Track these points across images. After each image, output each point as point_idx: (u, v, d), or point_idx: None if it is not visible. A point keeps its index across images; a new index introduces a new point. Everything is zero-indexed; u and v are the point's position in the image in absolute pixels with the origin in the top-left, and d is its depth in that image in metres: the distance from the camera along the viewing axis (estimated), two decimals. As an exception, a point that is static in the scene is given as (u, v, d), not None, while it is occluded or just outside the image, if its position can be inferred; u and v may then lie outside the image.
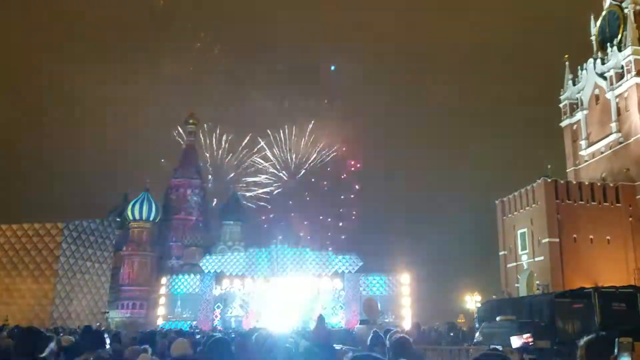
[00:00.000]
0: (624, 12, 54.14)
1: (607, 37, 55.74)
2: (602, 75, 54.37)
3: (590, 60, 56.59)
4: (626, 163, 50.79)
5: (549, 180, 48.52)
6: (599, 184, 49.92)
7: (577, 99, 57.92)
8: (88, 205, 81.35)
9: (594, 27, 58.43)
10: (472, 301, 45.13)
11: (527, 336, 15.94)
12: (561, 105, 60.03)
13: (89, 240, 56.59)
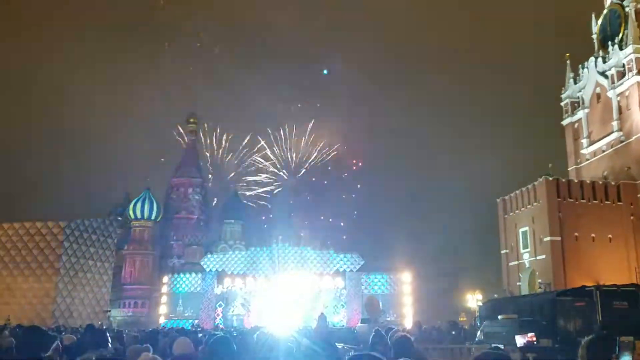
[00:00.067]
0: (625, 11, 54.06)
1: (609, 35, 55.65)
2: (603, 73, 54.31)
3: (592, 59, 56.52)
4: (627, 161, 50.75)
5: (550, 178, 48.48)
6: (600, 183, 49.88)
7: (579, 97, 57.87)
8: (90, 204, 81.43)
9: (595, 26, 58.33)
10: (473, 300, 45.16)
11: (531, 335, 15.96)
12: (562, 103, 59.99)
13: (90, 239, 56.66)
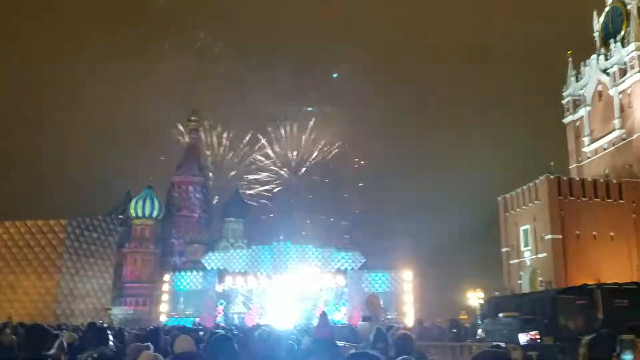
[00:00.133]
0: (627, 8, 53.95)
1: (610, 33, 55.51)
2: (605, 71, 54.21)
3: (593, 57, 56.40)
4: (629, 159, 50.68)
5: (551, 176, 48.43)
6: (602, 181, 49.81)
7: (580, 95, 57.76)
8: (91, 203, 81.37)
9: (597, 23, 58.19)
10: (474, 298, 45.11)
11: (534, 333, 15.97)
12: (564, 101, 59.89)
13: (92, 238, 56.74)
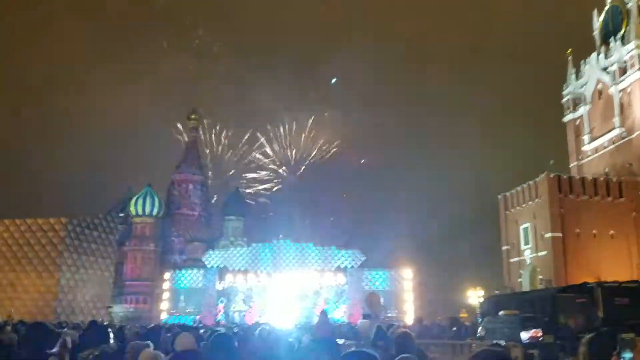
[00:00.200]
0: (627, 7, 53.89)
1: (611, 31, 55.46)
2: (605, 70, 54.18)
3: (594, 55, 56.36)
4: (629, 158, 50.68)
5: (551, 175, 48.46)
6: (602, 179, 49.83)
7: (580, 93, 57.73)
8: (91, 201, 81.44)
9: (597, 22, 58.15)
10: (474, 296, 45.18)
11: (535, 331, 16.00)
12: (564, 100, 59.87)
13: (92, 236, 56.75)
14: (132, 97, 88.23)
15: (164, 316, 48.73)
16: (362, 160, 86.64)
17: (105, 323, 27.11)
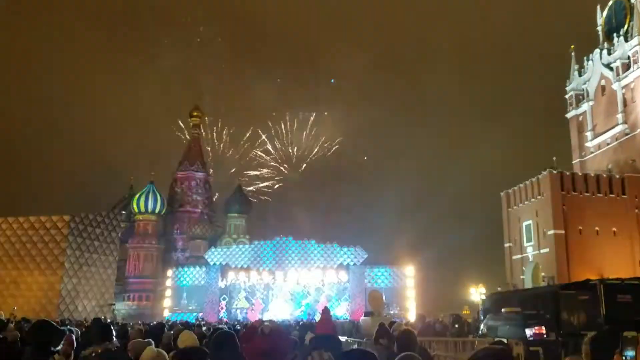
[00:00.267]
0: (631, 2, 53.64)
1: (614, 27, 55.26)
2: (608, 65, 53.98)
3: (597, 51, 56.18)
4: (632, 154, 50.54)
5: (554, 171, 48.33)
6: (604, 176, 49.69)
7: (583, 90, 57.56)
8: (94, 199, 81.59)
9: (600, 17, 57.91)
10: (477, 293, 45.11)
11: (539, 328, 15.96)
12: (567, 96, 59.68)
13: (95, 233, 56.84)
14: (134, 95, 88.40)
15: (166, 313, 48.87)
16: (365, 157, 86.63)
17: (108, 320, 27.20)
